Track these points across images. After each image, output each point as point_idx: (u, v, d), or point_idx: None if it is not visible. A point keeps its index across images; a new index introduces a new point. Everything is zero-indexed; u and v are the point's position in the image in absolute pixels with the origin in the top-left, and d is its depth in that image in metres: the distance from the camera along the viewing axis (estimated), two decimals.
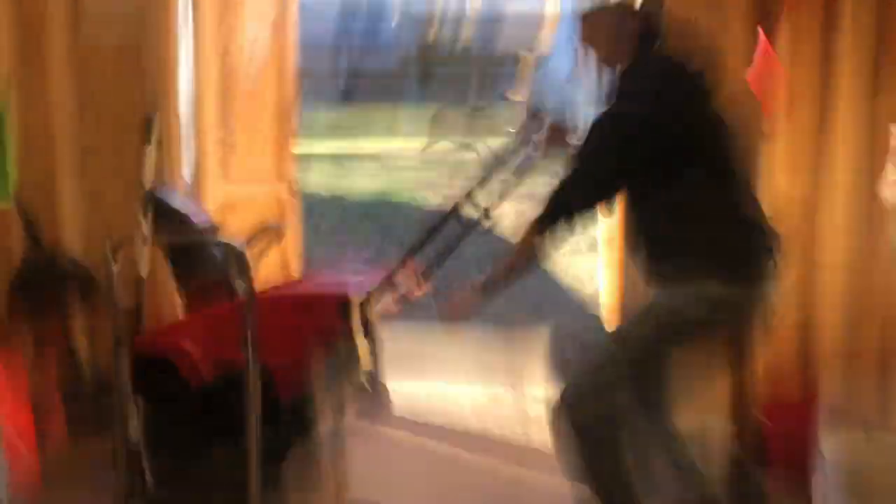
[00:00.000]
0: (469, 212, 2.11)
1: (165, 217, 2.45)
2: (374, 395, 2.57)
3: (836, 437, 2.25)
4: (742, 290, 1.87)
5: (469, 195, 2.11)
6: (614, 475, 1.87)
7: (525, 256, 1.95)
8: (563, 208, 1.89)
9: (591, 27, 2.01)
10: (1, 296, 2.92)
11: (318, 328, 2.10)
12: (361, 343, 2.29)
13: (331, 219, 7.68)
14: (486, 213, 2.11)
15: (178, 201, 2.51)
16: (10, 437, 2.47)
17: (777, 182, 2.80)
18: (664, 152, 1.83)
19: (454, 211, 2.11)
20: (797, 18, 2.71)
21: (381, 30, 22.89)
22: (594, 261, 6.59)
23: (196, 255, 2.40)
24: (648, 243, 1.97)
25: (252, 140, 3.41)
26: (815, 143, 2.79)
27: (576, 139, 2.06)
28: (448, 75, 21.81)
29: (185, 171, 3.05)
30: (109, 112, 3.00)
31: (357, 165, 11.19)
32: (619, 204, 2.14)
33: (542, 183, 2.06)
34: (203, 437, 2.18)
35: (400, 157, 12.31)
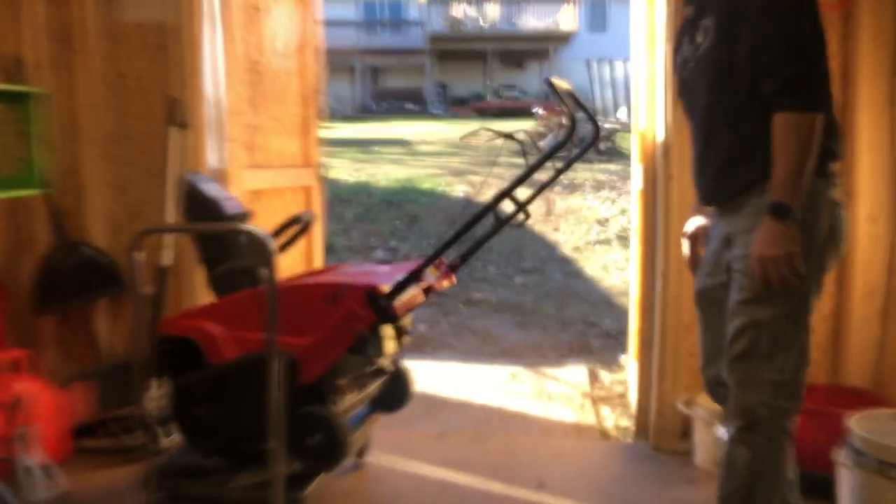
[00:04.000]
0: (505, 206, 2.03)
1: (197, 204, 2.42)
2: (397, 380, 2.60)
3: (863, 415, 2.20)
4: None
5: (509, 190, 2.03)
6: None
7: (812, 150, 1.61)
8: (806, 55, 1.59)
9: None
10: (27, 283, 2.92)
11: (346, 316, 2.07)
12: (387, 331, 2.28)
13: (356, 207, 7.64)
14: (522, 209, 2.04)
15: (210, 188, 2.49)
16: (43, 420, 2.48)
17: None
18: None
19: (492, 206, 2.03)
20: None
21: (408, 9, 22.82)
22: (607, 253, 6.52)
23: (224, 241, 2.39)
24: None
25: (278, 124, 3.38)
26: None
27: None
28: (473, 54, 21.66)
29: (212, 156, 3.02)
30: (136, 98, 2.98)
31: (384, 150, 11.14)
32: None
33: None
34: (226, 417, 2.18)
35: (426, 143, 12.24)
